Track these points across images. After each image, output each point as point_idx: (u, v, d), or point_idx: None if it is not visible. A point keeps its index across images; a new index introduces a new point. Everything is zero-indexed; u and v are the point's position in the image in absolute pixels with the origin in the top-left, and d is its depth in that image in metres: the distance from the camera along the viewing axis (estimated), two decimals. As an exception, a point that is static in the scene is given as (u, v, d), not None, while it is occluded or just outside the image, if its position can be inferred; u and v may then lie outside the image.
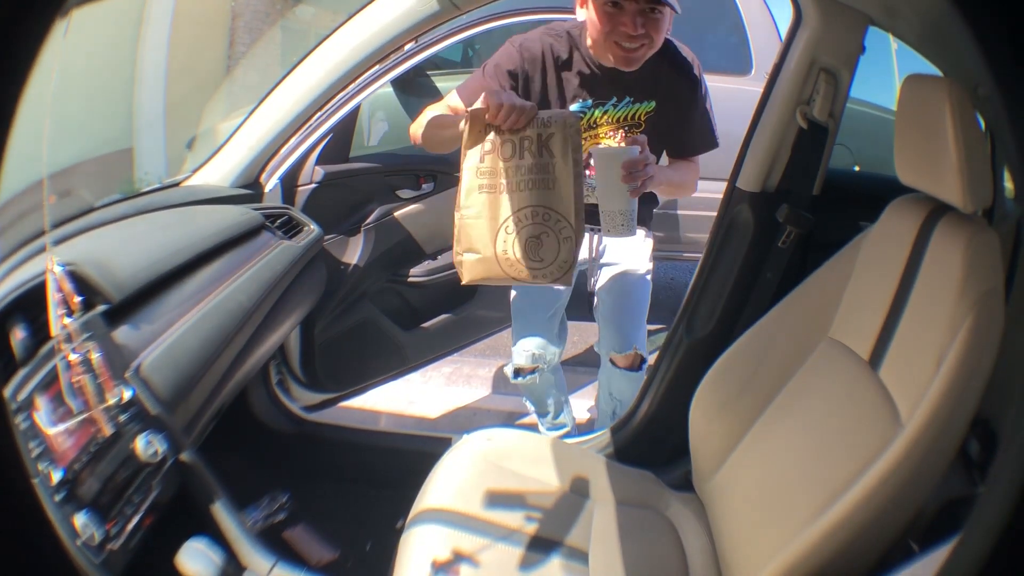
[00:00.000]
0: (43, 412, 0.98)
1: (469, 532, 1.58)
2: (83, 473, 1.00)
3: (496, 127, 1.59)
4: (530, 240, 1.59)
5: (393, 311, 2.83)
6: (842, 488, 1.16)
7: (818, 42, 1.91)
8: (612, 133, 2.16)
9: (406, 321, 2.86)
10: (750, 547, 1.40)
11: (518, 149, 1.58)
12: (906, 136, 1.34)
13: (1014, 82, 0.64)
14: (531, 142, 1.57)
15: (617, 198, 1.84)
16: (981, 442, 1.35)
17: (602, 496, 1.75)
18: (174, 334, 1.29)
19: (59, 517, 0.93)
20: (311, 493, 2.20)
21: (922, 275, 1.29)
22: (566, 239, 1.58)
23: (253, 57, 6.08)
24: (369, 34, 1.96)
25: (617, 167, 1.79)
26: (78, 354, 1.05)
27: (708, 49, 4.78)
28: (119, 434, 1.08)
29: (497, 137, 1.59)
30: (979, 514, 0.72)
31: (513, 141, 1.58)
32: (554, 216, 1.57)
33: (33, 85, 0.60)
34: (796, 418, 1.48)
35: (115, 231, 1.53)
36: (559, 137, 1.57)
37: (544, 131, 1.57)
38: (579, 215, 1.58)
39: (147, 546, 1.08)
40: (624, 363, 2.43)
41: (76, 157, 2.86)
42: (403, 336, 2.83)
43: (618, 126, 2.15)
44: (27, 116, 0.61)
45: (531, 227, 1.58)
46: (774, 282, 2.09)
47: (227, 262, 1.60)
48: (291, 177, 2.35)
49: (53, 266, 1.07)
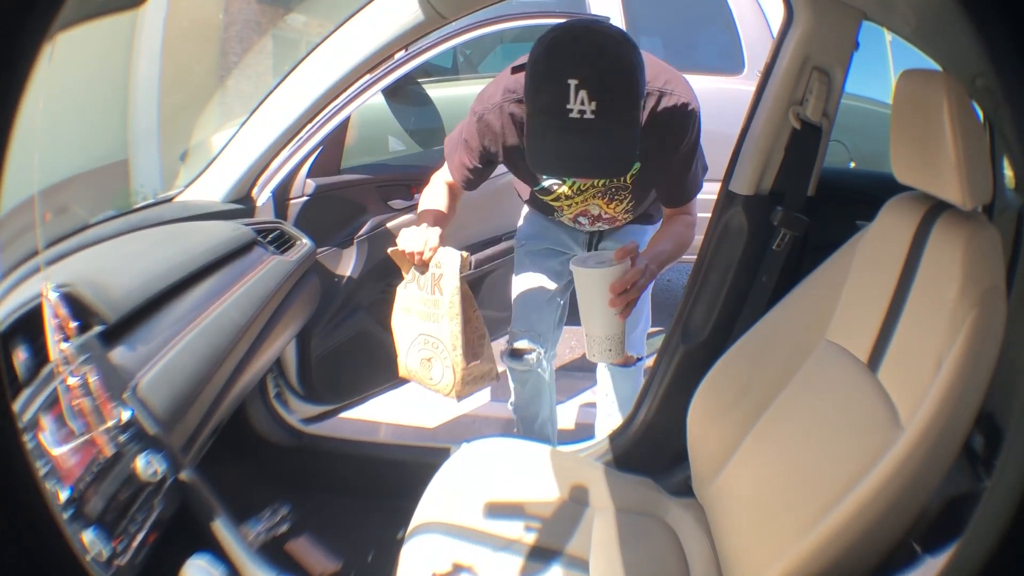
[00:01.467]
0: (48, 432, 0.99)
1: (469, 543, 1.58)
2: (88, 492, 1.00)
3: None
4: (423, 360, 1.86)
5: (389, 322, 2.82)
6: (843, 491, 1.15)
7: (811, 40, 1.90)
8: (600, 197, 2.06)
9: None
10: (752, 551, 1.39)
11: (423, 283, 1.80)
12: (903, 134, 1.32)
13: (1015, 73, 0.64)
14: (428, 279, 1.78)
15: (602, 322, 1.68)
16: (985, 437, 1.34)
17: (601, 504, 1.74)
18: (169, 353, 1.29)
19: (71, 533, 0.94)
20: (312, 505, 2.19)
21: (921, 274, 1.28)
22: (447, 367, 1.80)
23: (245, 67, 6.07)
24: (358, 44, 1.95)
25: (602, 288, 1.64)
26: (76, 377, 1.05)
27: (699, 48, 4.80)
28: (120, 454, 1.08)
29: (415, 270, 1.81)
30: (984, 510, 0.71)
31: (421, 275, 1.80)
32: (441, 345, 1.80)
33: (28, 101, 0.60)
34: (795, 421, 1.47)
35: (109, 249, 1.53)
36: (447, 277, 1.74)
37: (436, 271, 1.76)
38: (456, 348, 1.78)
39: (152, 562, 1.09)
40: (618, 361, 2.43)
41: (72, 171, 2.85)
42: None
43: (604, 189, 2.04)
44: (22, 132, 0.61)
45: (425, 350, 1.84)
46: (770, 285, 2.09)
47: (220, 279, 1.60)
48: (283, 190, 2.34)
49: (48, 292, 1.09)
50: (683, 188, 2.03)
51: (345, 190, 2.67)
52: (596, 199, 2.09)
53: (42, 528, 0.66)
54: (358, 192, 2.71)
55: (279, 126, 2.03)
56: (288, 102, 2.02)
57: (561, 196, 2.10)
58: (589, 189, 2.06)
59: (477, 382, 1.85)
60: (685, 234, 2.06)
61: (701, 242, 2.23)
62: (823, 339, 1.52)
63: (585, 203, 2.12)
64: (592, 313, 1.68)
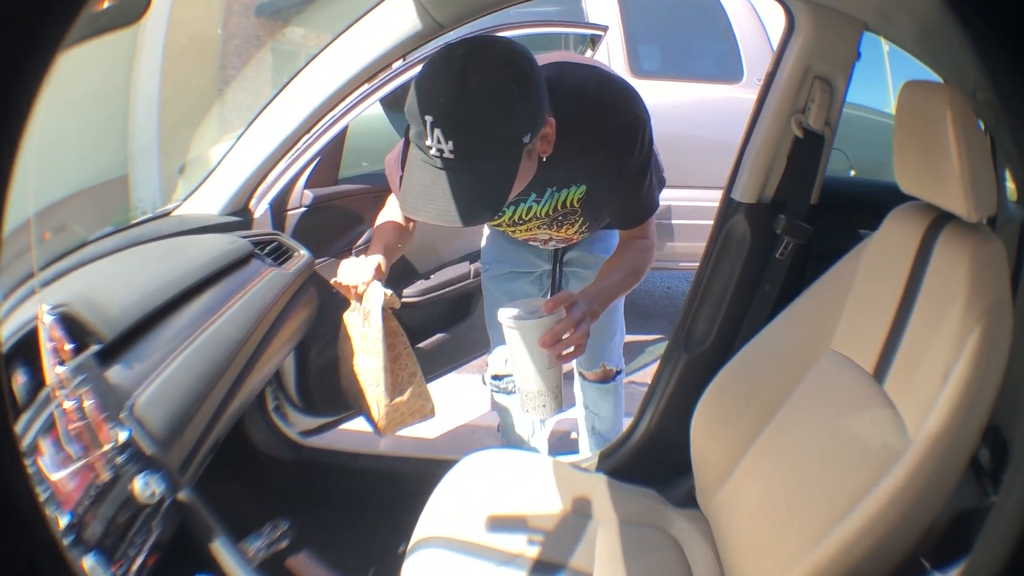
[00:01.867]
0: (47, 457, 0.98)
1: (471, 557, 1.57)
2: (87, 516, 0.99)
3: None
4: (355, 392, 1.84)
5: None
6: (849, 504, 1.14)
7: (812, 49, 1.89)
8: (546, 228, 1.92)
9: (401, 341, 2.84)
10: (757, 565, 1.38)
11: (359, 315, 1.77)
12: (906, 144, 1.32)
13: (1013, 86, 0.63)
14: (361, 312, 1.75)
15: (534, 376, 1.53)
16: (991, 450, 1.33)
17: (605, 516, 1.73)
18: (167, 371, 1.28)
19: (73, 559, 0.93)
20: (312, 519, 2.18)
21: (927, 285, 1.28)
22: (376, 399, 1.77)
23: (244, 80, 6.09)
24: (356, 55, 1.94)
25: (530, 341, 1.49)
26: (72, 401, 1.04)
27: (697, 56, 4.81)
28: (117, 477, 1.07)
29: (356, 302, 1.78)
30: (992, 525, 0.70)
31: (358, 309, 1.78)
32: (369, 379, 1.78)
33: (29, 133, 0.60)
34: (800, 432, 1.46)
35: (106, 266, 1.53)
36: (372, 313, 1.72)
37: (366, 304, 1.73)
38: (379, 385, 1.75)
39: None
40: (594, 377, 2.40)
41: (72, 188, 2.85)
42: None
43: (548, 220, 1.89)
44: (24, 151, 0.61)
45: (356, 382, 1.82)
46: (773, 294, 2.08)
47: (217, 293, 1.59)
48: (280, 202, 2.33)
49: (43, 315, 1.08)
50: (635, 210, 1.85)
51: (343, 200, 2.66)
52: (541, 229, 1.95)
53: (46, 557, 0.66)
54: (356, 202, 2.70)
55: (276, 137, 2.02)
56: (286, 113, 2.01)
57: (503, 223, 1.95)
58: (532, 219, 1.89)
59: (406, 418, 1.82)
60: (640, 261, 1.88)
61: (703, 250, 2.22)
62: (828, 349, 1.51)
63: (530, 232, 1.98)
64: (519, 367, 1.55)
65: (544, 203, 1.82)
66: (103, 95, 3.89)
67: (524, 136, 1.39)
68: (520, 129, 1.38)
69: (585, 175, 1.75)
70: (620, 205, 1.84)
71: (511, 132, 1.37)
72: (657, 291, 5.43)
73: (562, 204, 1.83)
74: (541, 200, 1.82)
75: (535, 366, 1.52)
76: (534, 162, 1.51)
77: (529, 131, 1.39)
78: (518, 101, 1.36)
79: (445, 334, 2.93)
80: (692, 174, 4.14)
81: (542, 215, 1.86)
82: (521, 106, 1.37)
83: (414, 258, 2.80)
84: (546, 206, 1.83)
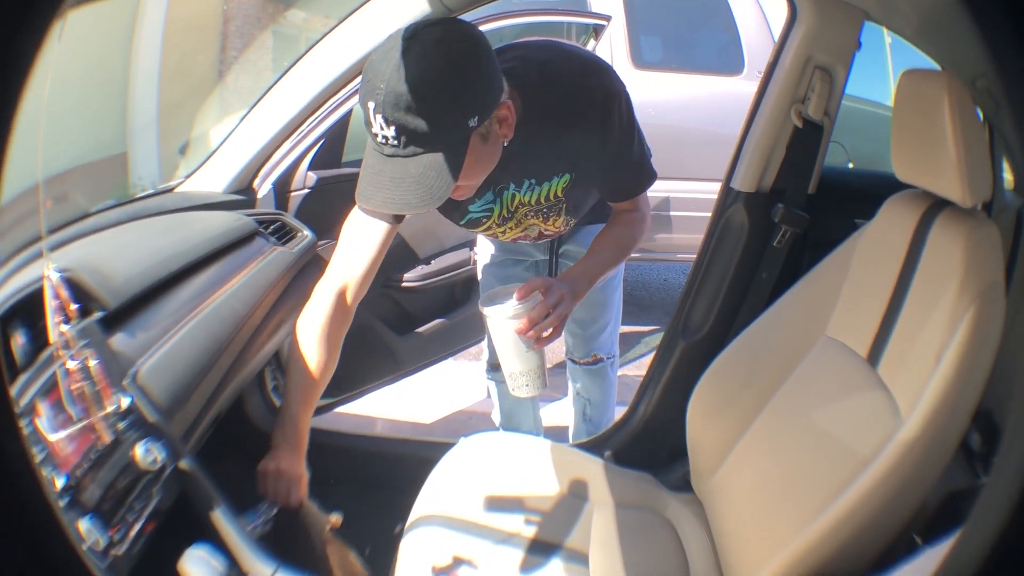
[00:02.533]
0: (44, 418, 0.97)
1: (469, 536, 1.58)
2: (85, 479, 0.99)
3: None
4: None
5: (388, 316, 2.81)
6: (843, 485, 1.16)
7: (813, 39, 1.91)
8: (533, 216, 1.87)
9: (401, 326, 2.84)
10: (751, 545, 1.40)
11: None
12: (904, 132, 1.33)
13: (1018, 72, 0.64)
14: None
15: (515, 358, 1.59)
16: (983, 434, 1.35)
17: (601, 498, 1.74)
18: (170, 341, 1.28)
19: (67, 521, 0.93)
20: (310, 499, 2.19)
21: (921, 269, 1.29)
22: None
23: (245, 61, 6.07)
24: (362, 37, 1.95)
25: (507, 326, 1.55)
26: (76, 361, 1.04)
27: (699, 48, 4.80)
28: (118, 441, 1.07)
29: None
30: (982, 505, 0.72)
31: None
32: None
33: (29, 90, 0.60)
34: (795, 416, 1.48)
35: (110, 237, 1.53)
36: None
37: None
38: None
39: (150, 552, 1.08)
40: (583, 360, 2.41)
41: (71, 162, 2.84)
42: (398, 341, 2.81)
43: (535, 209, 1.84)
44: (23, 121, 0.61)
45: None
46: (770, 282, 2.09)
47: (221, 268, 1.59)
48: (284, 183, 2.33)
49: (50, 272, 1.07)
50: (627, 179, 1.80)
51: (346, 183, 2.66)
52: (529, 218, 1.89)
53: (37, 516, 0.65)
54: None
55: (281, 119, 2.03)
56: (291, 94, 2.02)
57: (492, 226, 1.92)
58: (519, 212, 1.85)
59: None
60: (628, 236, 1.85)
61: (702, 238, 2.23)
62: (823, 335, 1.52)
63: (520, 227, 1.93)
64: (500, 350, 1.60)
65: (525, 192, 1.78)
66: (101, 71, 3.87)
67: (469, 120, 1.34)
68: (463, 112, 1.34)
69: (567, 162, 1.71)
70: (608, 180, 1.80)
71: (453, 116, 1.33)
72: (654, 283, 5.44)
73: (548, 195, 1.79)
74: (521, 190, 1.78)
75: (514, 349, 1.57)
76: (494, 146, 1.47)
77: (476, 114, 1.35)
78: (458, 84, 1.32)
79: (444, 319, 2.94)
80: (690, 166, 4.15)
81: (529, 203, 1.82)
82: (462, 89, 1.33)
83: (414, 243, 2.81)
84: (530, 196, 1.79)
